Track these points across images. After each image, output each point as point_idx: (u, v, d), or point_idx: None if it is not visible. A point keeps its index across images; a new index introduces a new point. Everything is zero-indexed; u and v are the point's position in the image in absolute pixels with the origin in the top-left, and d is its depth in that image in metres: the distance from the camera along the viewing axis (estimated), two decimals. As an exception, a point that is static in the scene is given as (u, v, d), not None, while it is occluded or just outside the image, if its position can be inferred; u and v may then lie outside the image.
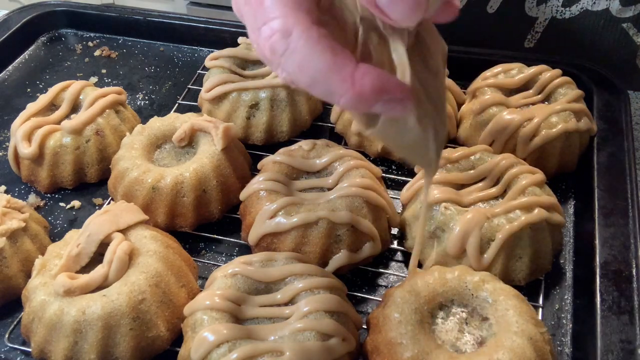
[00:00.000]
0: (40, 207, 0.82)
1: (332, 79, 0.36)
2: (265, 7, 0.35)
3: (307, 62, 0.36)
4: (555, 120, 0.80)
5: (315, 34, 0.36)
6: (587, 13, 0.97)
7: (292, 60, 0.36)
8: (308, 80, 0.36)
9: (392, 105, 0.37)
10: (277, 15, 0.35)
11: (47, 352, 0.62)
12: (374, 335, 0.60)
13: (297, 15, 0.35)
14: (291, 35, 0.35)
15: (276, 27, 0.35)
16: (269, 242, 0.70)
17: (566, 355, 0.65)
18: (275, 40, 0.35)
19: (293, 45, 0.35)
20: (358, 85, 0.36)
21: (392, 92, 0.37)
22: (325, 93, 0.37)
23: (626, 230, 0.71)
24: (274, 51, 0.36)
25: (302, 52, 0.35)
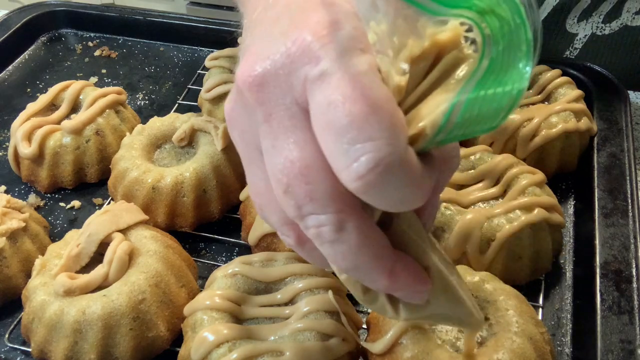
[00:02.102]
0: (40, 207, 0.82)
1: (374, 269, 0.36)
2: (316, 201, 0.34)
3: (354, 254, 0.36)
4: (555, 120, 0.80)
5: (366, 228, 0.35)
6: (626, 29, 0.98)
7: (337, 248, 0.35)
8: (348, 266, 0.36)
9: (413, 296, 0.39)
10: (330, 211, 0.34)
11: (47, 352, 0.62)
12: (374, 335, 0.60)
13: (351, 211, 0.35)
14: (344, 231, 0.35)
15: (328, 221, 0.35)
16: (269, 242, 0.70)
17: (566, 355, 0.65)
18: (324, 231, 0.35)
19: (345, 238, 0.35)
20: (394, 277, 0.37)
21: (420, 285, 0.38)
22: (360, 277, 0.38)
23: (626, 230, 0.71)
24: (318, 237, 0.35)
25: (351, 245, 0.35)
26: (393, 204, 0.34)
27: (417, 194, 0.34)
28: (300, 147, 0.35)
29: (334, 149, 0.33)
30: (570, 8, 0.98)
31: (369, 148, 0.31)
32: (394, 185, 0.32)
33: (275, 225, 0.41)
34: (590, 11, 0.98)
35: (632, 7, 0.97)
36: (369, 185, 0.32)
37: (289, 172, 0.35)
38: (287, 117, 0.35)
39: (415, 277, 0.38)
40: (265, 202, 0.41)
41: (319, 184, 0.34)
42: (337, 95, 0.32)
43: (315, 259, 0.41)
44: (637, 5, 0.96)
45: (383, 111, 0.32)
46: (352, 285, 0.40)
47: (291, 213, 0.36)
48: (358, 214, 0.35)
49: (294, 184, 0.35)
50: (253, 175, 0.41)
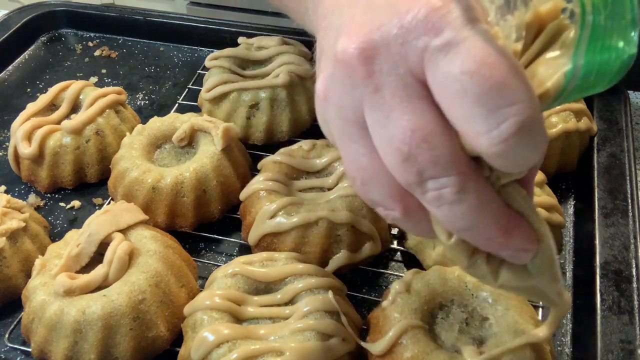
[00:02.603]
0: (40, 207, 0.82)
1: (491, 226, 0.37)
2: (440, 165, 0.35)
3: (474, 213, 0.37)
4: (555, 120, 0.80)
5: (485, 188, 0.37)
6: None
7: (457, 209, 0.36)
8: (466, 225, 0.37)
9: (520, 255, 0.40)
10: (452, 174, 0.36)
11: (47, 352, 0.62)
12: (374, 335, 0.60)
13: (470, 173, 0.36)
14: (465, 191, 0.36)
15: (450, 183, 0.36)
16: (269, 242, 0.70)
17: (566, 355, 0.65)
18: (446, 192, 0.36)
19: (466, 198, 0.36)
20: (508, 235, 0.38)
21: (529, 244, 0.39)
22: (476, 236, 0.38)
23: (626, 230, 0.71)
24: (439, 199, 0.36)
25: (472, 205, 0.36)
26: (521, 164, 0.35)
27: (542, 152, 0.35)
28: (420, 115, 0.35)
29: (470, 115, 0.33)
30: None
31: (513, 112, 0.32)
32: (530, 146, 0.34)
33: (379, 199, 0.41)
34: None
35: None
36: (510, 148, 0.33)
37: (410, 140, 0.35)
38: (402, 87, 0.36)
39: (527, 235, 0.39)
40: (369, 177, 0.40)
41: (442, 148, 0.35)
42: (471, 63, 0.32)
43: (420, 229, 0.41)
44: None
45: (521, 75, 0.33)
46: (457, 251, 0.41)
47: (410, 180, 0.37)
48: (478, 175, 0.37)
49: (417, 152, 0.35)
50: (353, 151, 0.41)
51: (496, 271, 0.41)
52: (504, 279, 0.41)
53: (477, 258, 0.41)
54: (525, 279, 0.41)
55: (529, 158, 0.35)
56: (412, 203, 0.39)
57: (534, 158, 0.35)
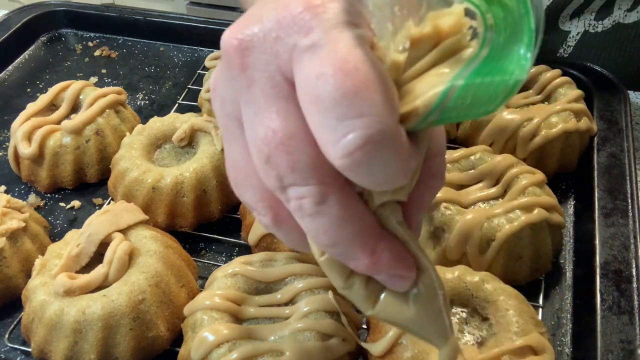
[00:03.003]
0: (40, 207, 0.82)
1: (355, 246, 0.35)
2: (298, 172, 0.33)
3: (335, 229, 0.35)
4: (555, 120, 0.80)
5: (349, 201, 0.35)
6: (619, 26, 0.98)
7: (318, 222, 0.34)
8: (329, 241, 0.35)
9: (396, 281, 0.37)
10: (312, 183, 0.33)
11: (47, 352, 0.62)
12: (374, 335, 0.60)
13: (333, 183, 0.34)
14: (325, 203, 0.34)
15: (309, 192, 0.34)
16: (269, 242, 0.70)
17: (566, 355, 0.65)
18: (305, 203, 0.34)
19: (326, 211, 0.34)
20: (376, 257, 0.36)
21: (403, 270, 0.37)
22: (340, 254, 0.36)
23: (626, 230, 0.71)
24: (299, 210, 0.34)
25: (332, 218, 0.34)
26: (377, 182, 0.33)
27: (401, 173, 0.33)
28: (283, 116, 0.33)
29: (321, 123, 0.31)
30: (564, 6, 0.98)
31: (359, 124, 0.30)
32: (382, 164, 0.32)
33: (251, 202, 0.39)
34: (583, 8, 0.98)
35: (624, 4, 0.97)
36: (356, 162, 0.31)
37: (270, 141, 0.34)
38: (271, 85, 0.34)
39: (399, 259, 0.37)
40: (241, 177, 0.39)
41: (302, 154, 0.33)
42: (328, 68, 0.31)
43: (292, 240, 0.39)
44: (629, 2, 0.96)
45: (375, 87, 0.31)
46: (331, 270, 0.38)
47: (272, 184, 0.35)
48: (341, 186, 0.34)
49: (276, 154, 0.34)
50: (231, 148, 0.40)
51: (374, 299, 0.39)
52: (382, 308, 0.39)
53: (354, 280, 0.38)
54: (405, 312, 0.38)
55: (383, 176, 0.32)
56: (284, 211, 0.37)
57: (389, 177, 0.33)
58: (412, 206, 0.38)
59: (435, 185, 0.39)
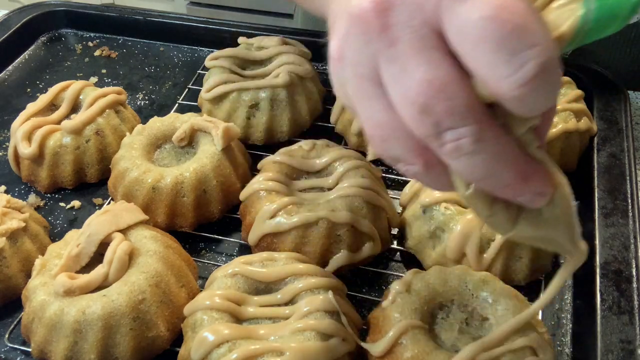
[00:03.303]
0: (40, 207, 0.82)
1: (509, 173, 0.38)
2: (456, 115, 0.36)
3: (492, 162, 0.37)
4: (555, 120, 0.80)
5: (502, 136, 0.37)
6: None
7: (476, 158, 0.37)
8: (485, 174, 0.38)
9: (538, 199, 0.40)
10: (469, 123, 0.36)
11: (47, 352, 0.62)
12: (374, 335, 0.60)
13: (487, 121, 0.36)
14: (483, 140, 0.36)
15: (467, 132, 0.36)
16: (269, 242, 0.70)
17: (566, 355, 0.65)
18: (465, 142, 0.36)
19: (484, 147, 0.36)
20: (527, 179, 0.39)
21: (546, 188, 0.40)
22: (495, 184, 0.39)
23: (626, 230, 0.71)
24: (458, 150, 0.37)
25: (490, 153, 0.37)
26: (538, 107, 0.36)
27: (555, 94, 0.36)
28: (436, 65, 0.36)
29: (490, 61, 0.33)
30: None
31: (533, 54, 0.33)
32: (550, 88, 0.35)
33: (400, 154, 0.41)
34: None
35: None
36: (530, 90, 0.34)
37: (426, 91, 0.36)
38: (417, 39, 0.36)
39: (544, 179, 0.40)
40: (388, 133, 0.40)
41: (459, 98, 0.35)
42: (489, 8, 0.33)
43: (440, 182, 0.41)
44: None
45: (534, 18, 0.33)
46: (477, 201, 0.41)
47: (426, 132, 0.37)
48: (492, 123, 0.37)
49: (433, 102, 0.36)
50: (370, 109, 0.41)
51: (514, 220, 0.42)
52: (522, 228, 0.42)
53: (497, 207, 0.41)
54: (541, 228, 0.42)
55: (546, 100, 0.35)
56: (433, 156, 0.39)
57: (550, 100, 0.35)
58: (541, 129, 0.41)
59: (550, 114, 0.43)
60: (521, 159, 0.39)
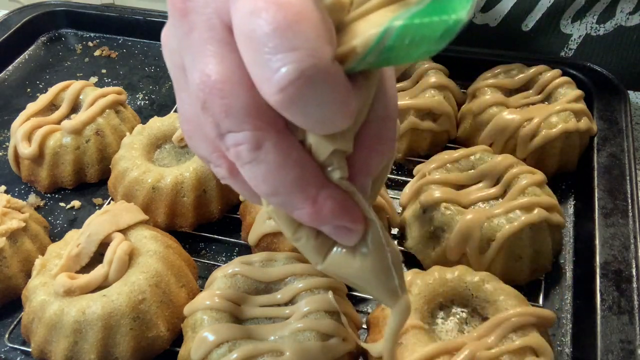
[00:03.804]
0: (40, 207, 0.82)
1: (296, 194, 0.35)
2: (232, 117, 0.33)
3: (273, 176, 0.34)
4: (555, 120, 0.80)
5: (287, 147, 0.34)
6: (621, 29, 0.98)
7: (256, 170, 0.34)
8: (269, 190, 0.35)
9: (342, 233, 0.37)
10: (247, 128, 0.33)
11: (47, 352, 0.62)
12: (374, 335, 0.60)
13: (270, 129, 0.33)
14: (261, 149, 0.33)
15: (245, 139, 0.33)
16: (269, 242, 0.70)
17: (566, 355, 0.65)
18: (241, 150, 0.33)
19: (262, 157, 0.33)
20: (318, 206, 0.35)
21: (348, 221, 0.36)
22: (282, 204, 0.36)
23: (626, 230, 0.71)
24: (238, 158, 0.34)
25: (270, 165, 0.34)
26: (315, 122, 0.32)
27: (340, 113, 0.33)
28: (217, 60, 0.33)
29: (255, 59, 0.31)
30: (564, 8, 0.98)
31: (291, 58, 0.30)
32: (316, 101, 0.31)
33: (205, 154, 0.39)
34: (584, 11, 0.98)
35: (626, 7, 0.96)
36: (290, 98, 0.30)
37: (205, 86, 0.33)
38: (207, 29, 0.34)
39: (344, 209, 0.36)
40: (193, 129, 0.39)
41: (236, 98, 0.33)
42: (261, 3, 0.30)
43: (247, 191, 0.39)
44: (631, 5, 0.96)
45: (308, 21, 0.30)
46: (279, 219, 0.38)
47: (210, 132, 0.34)
48: (278, 132, 0.34)
49: (210, 99, 0.33)
50: (181, 102, 0.39)
51: (324, 253, 0.38)
52: (331, 262, 0.38)
53: (303, 232, 0.38)
54: (353, 268, 0.38)
55: (319, 114, 0.32)
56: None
57: (326, 116, 0.32)
58: (357, 169, 0.37)
59: (383, 150, 0.38)
60: (314, 181, 0.35)
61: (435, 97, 0.84)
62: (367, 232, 0.38)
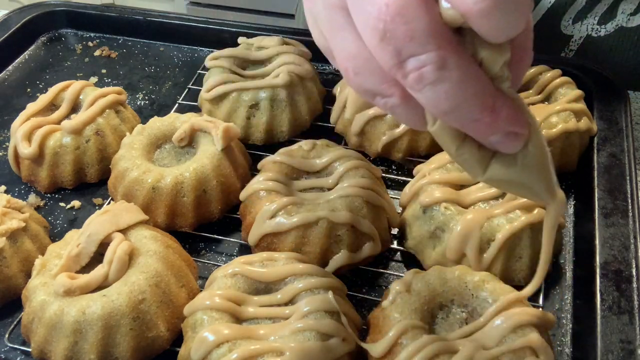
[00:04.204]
0: (40, 207, 0.82)
1: (476, 106, 0.36)
2: (416, 40, 0.34)
3: (456, 91, 0.36)
4: (555, 120, 0.80)
5: (467, 63, 0.36)
6: (622, 30, 0.98)
7: (439, 88, 0.35)
8: (451, 106, 0.36)
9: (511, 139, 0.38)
10: (431, 49, 0.34)
11: (47, 352, 0.62)
12: (374, 335, 0.60)
13: (451, 47, 0.35)
14: (445, 67, 0.35)
15: (430, 59, 0.35)
16: (269, 242, 0.70)
17: (566, 355, 0.65)
18: (427, 71, 0.35)
19: (447, 75, 0.35)
20: (496, 114, 0.37)
21: (519, 126, 0.38)
22: (461, 118, 0.37)
23: (626, 230, 0.71)
24: (419, 81, 0.35)
25: (453, 82, 0.35)
26: (506, 28, 0.34)
27: (524, 15, 0.35)
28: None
29: None
30: (565, 9, 0.98)
31: None
32: (512, 7, 0.33)
33: (375, 86, 0.40)
34: (585, 12, 0.98)
35: (627, 8, 0.96)
36: (493, 4, 0.32)
37: (385, 15, 0.34)
38: None
39: (516, 116, 0.38)
40: (360, 64, 0.39)
41: (418, 21, 0.34)
42: None
43: (416, 117, 0.40)
44: (632, 6, 0.96)
45: None
46: (444, 136, 0.40)
47: (390, 61, 0.36)
48: (458, 50, 0.35)
49: (392, 27, 0.34)
50: (341, 41, 0.40)
51: (486, 163, 0.40)
52: (494, 171, 0.40)
53: (467, 146, 0.40)
54: (515, 174, 0.40)
55: (514, 19, 0.34)
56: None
57: (519, 21, 0.34)
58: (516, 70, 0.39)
59: (527, 59, 0.40)
60: (490, 91, 0.37)
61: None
62: (529, 137, 0.40)
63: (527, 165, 0.40)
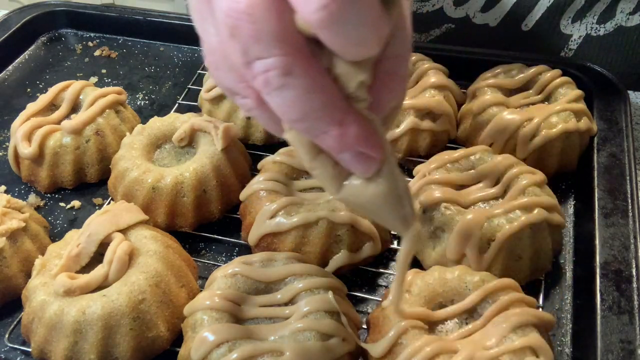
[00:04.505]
0: (40, 207, 0.82)
1: (323, 118, 0.35)
2: (262, 42, 0.33)
3: (302, 100, 0.35)
4: (555, 120, 0.80)
5: (315, 73, 0.35)
6: (621, 29, 0.97)
7: (285, 95, 0.34)
8: (297, 115, 0.35)
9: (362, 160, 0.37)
10: (277, 53, 0.33)
11: (47, 352, 0.62)
12: (374, 335, 0.60)
13: (300, 55, 0.34)
14: (291, 74, 0.34)
15: (274, 64, 0.33)
16: (269, 242, 0.70)
17: (566, 355, 0.65)
18: (272, 75, 0.34)
19: (292, 82, 0.34)
20: (344, 129, 0.36)
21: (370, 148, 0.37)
22: (309, 128, 0.36)
23: (626, 230, 0.71)
24: (266, 85, 0.34)
25: (299, 90, 0.34)
26: (352, 43, 0.33)
27: (375, 36, 0.33)
28: None
29: None
30: (564, 9, 0.98)
31: None
32: (355, 19, 0.32)
33: (232, 85, 0.39)
34: (584, 12, 0.98)
35: (626, 8, 0.96)
36: (331, 15, 0.31)
37: (234, 11, 0.33)
38: None
39: (367, 135, 0.37)
40: (219, 60, 0.39)
41: (265, 23, 0.33)
42: None
43: (273, 122, 0.39)
44: (631, 6, 0.96)
45: None
46: (300, 145, 0.39)
47: (238, 60, 0.35)
48: (308, 58, 0.34)
49: (240, 25, 0.33)
50: (205, 33, 0.39)
51: (340, 182, 0.40)
52: (347, 192, 0.40)
53: (322, 159, 0.39)
54: (366, 199, 0.40)
55: (357, 34, 0.32)
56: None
57: (362, 37, 0.33)
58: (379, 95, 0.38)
59: (396, 87, 0.39)
60: (340, 106, 0.36)
61: (435, 97, 0.84)
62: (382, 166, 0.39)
63: (377, 196, 0.40)
